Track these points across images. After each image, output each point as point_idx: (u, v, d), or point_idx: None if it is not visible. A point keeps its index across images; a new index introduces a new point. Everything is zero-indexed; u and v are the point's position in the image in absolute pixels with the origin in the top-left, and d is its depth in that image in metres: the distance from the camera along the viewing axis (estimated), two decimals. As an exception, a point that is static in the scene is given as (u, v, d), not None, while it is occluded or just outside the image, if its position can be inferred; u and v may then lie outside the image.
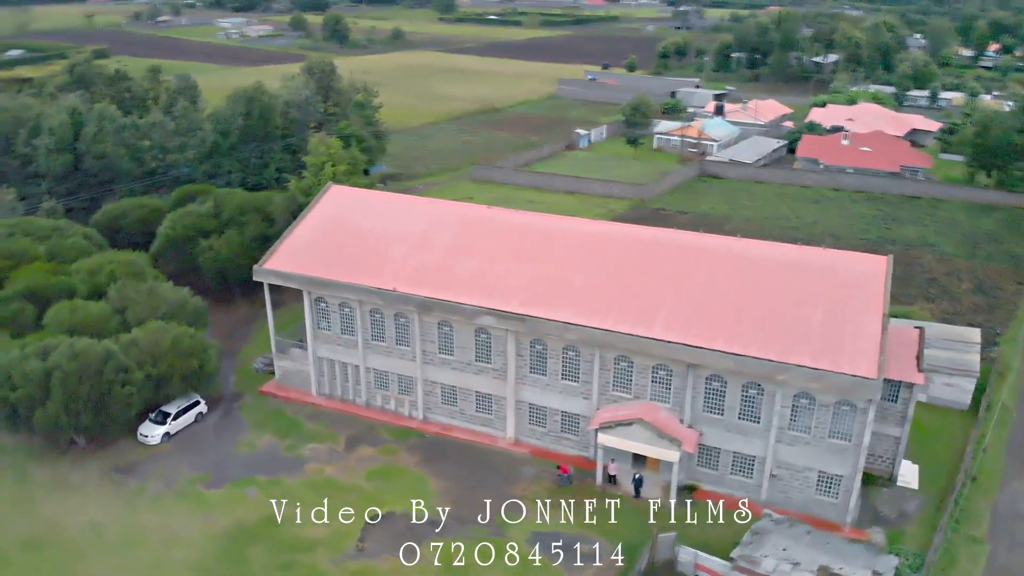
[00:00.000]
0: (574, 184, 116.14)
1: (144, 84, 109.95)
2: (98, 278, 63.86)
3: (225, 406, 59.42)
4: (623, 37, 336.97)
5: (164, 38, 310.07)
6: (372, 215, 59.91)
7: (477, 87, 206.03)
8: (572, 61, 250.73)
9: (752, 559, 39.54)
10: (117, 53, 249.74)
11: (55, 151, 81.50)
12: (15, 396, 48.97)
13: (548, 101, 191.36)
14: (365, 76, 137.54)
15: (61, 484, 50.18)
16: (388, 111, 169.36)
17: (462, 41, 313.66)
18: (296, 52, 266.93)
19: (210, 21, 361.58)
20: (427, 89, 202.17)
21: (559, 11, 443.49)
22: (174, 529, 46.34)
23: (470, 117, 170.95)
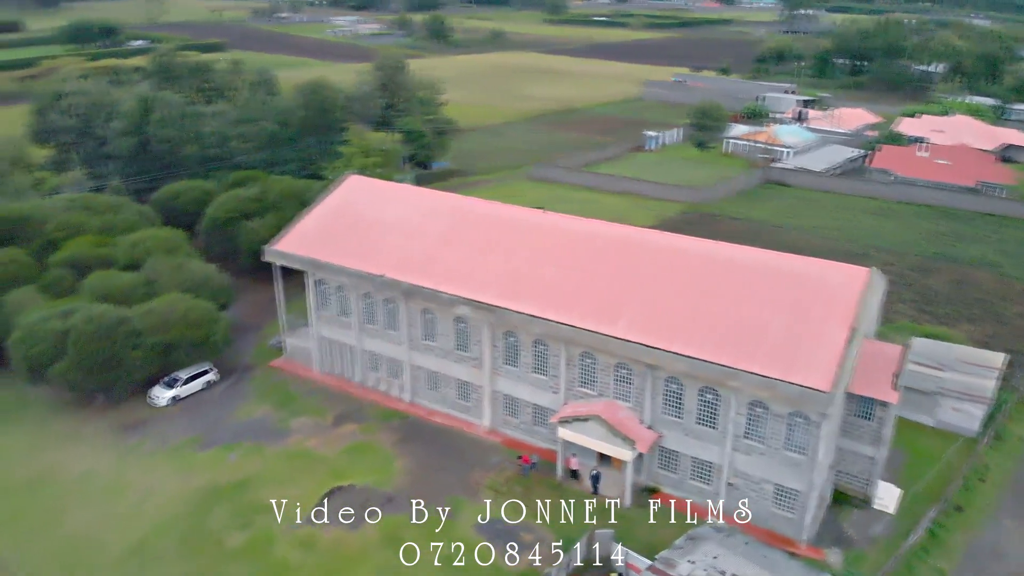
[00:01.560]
0: (629, 185, 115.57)
1: (225, 75, 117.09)
2: (137, 251, 69.10)
3: (236, 376, 63.21)
4: (730, 41, 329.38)
5: (280, 34, 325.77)
6: (379, 204, 62.32)
7: (562, 88, 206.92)
8: (670, 64, 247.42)
9: (669, 562, 39.29)
10: (233, 47, 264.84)
11: (124, 134, 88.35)
12: (34, 351, 54.08)
13: (631, 103, 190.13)
14: (442, 74, 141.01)
15: (72, 435, 55.00)
16: (468, 109, 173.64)
17: (562, 42, 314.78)
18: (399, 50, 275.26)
19: (325, 19, 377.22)
20: (512, 88, 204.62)
21: (667, 13, 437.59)
22: (156, 484, 50.08)
23: (547, 117, 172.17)
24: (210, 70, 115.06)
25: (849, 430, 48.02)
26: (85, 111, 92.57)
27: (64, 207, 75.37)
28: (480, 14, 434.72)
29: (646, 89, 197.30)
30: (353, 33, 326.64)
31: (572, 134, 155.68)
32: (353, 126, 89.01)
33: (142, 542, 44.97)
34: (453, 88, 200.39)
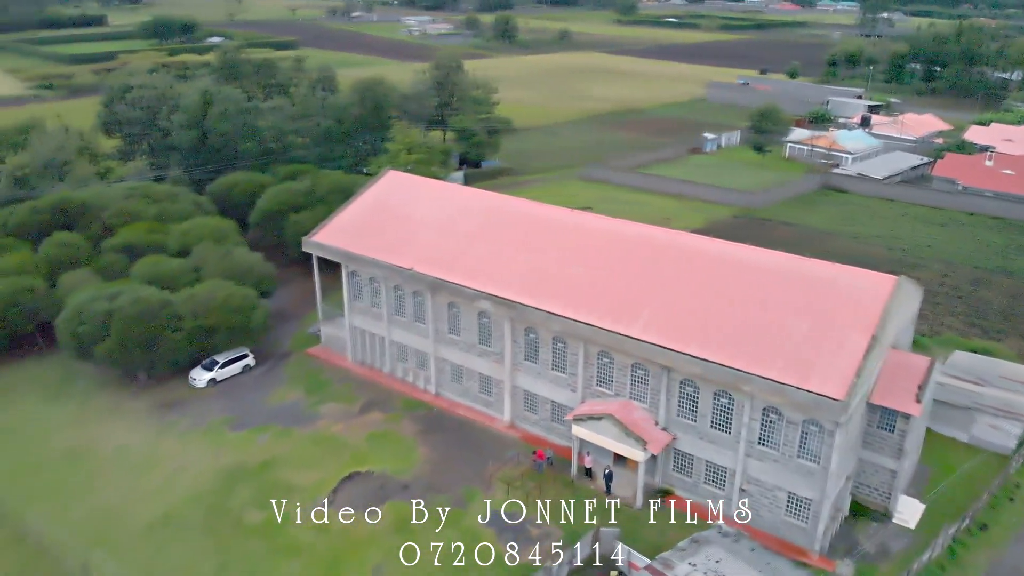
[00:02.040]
0: (681, 188, 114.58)
1: (287, 73, 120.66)
2: (187, 239, 72.14)
3: (273, 362, 65.38)
4: (803, 43, 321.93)
5: (353, 33, 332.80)
6: (414, 200, 63.58)
7: (625, 88, 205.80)
8: (739, 66, 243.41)
9: (667, 562, 39.23)
10: (305, 45, 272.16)
11: (186, 127, 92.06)
12: (81, 330, 57.09)
13: (694, 105, 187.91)
14: (505, 74, 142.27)
15: (114, 411, 57.87)
16: (527, 108, 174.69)
17: (630, 43, 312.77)
18: (465, 49, 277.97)
19: (398, 18, 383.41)
20: (573, 89, 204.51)
21: (741, 15, 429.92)
22: (187, 461, 52.34)
23: (606, 117, 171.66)
24: (274, 67, 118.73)
25: (870, 441, 46.96)
26: (150, 104, 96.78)
27: (123, 195, 79.12)
28: (550, 14, 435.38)
29: (710, 91, 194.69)
30: (423, 33, 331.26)
31: (630, 135, 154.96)
32: (398, 123, 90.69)
33: (167, 515, 47.11)
34: (514, 88, 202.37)
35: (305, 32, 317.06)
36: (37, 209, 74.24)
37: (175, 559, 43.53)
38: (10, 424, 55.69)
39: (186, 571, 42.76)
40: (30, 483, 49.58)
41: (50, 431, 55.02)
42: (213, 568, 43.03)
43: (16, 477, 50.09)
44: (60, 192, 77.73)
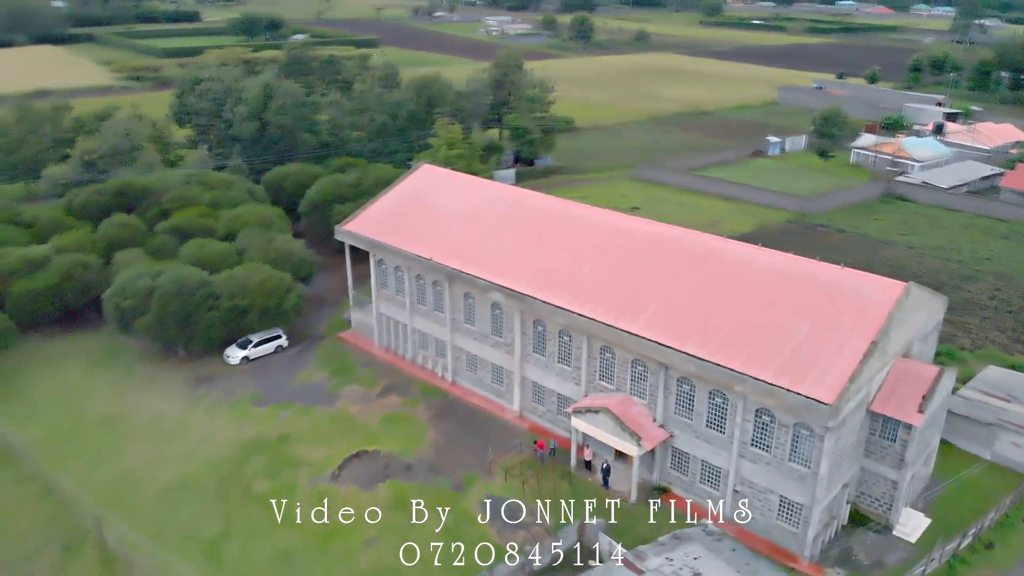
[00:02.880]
0: (735, 191, 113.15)
1: (353, 69, 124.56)
2: (235, 224, 75.89)
3: (306, 344, 68.19)
4: (891, 48, 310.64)
5: (434, 32, 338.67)
6: (444, 193, 65.30)
7: (696, 90, 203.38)
8: (822, 70, 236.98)
9: (641, 555, 39.64)
10: (386, 43, 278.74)
11: (247, 118, 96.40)
12: (124, 304, 61.00)
13: (765, 108, 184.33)
14: (576, 74, 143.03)
15: (151, 382, 61.59)
16: (593, 108, 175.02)
17: (710, 45, 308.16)
18: (541, 49, 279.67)
19: (478, 18, 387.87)
20: (643, 89, 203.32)
21: (830, 18, 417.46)
22: (211, 431, 55.40)
23: (673, 118, 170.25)
24: (339, 64, 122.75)
25: (872, 450, 46.14)
26: (217, 96, 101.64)
27: (182, 181, 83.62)
28: (633, 15, 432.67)
29: (783, 94, 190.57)
30: (502, 33, 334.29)
31: (693, 136, 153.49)
32: (441, 119, 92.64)
33: (185, 480, 50.11)
34: (584, 87, 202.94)
35: (387, 31, 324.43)
36: (101, 191, 79.31)
37: (183, 521, 46.37)
38: (56, 390, 59.98)
39: (191, 533, 45.50)
40: (66, 445, 53.43)
41: (91, 398, 59.04)
42: (217, 531, 45.65)
43: (54, 438, 54.05)
44: (124, 176, 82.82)
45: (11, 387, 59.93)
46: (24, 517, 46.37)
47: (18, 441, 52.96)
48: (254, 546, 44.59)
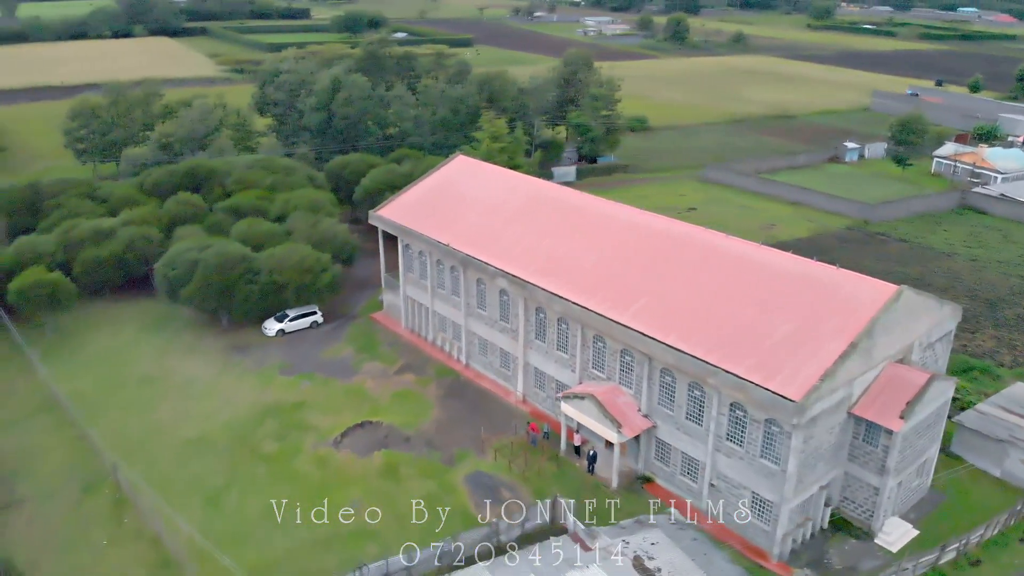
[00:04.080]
0: (800, 195, 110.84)
1: (427, 65, 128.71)
2: (287, 207, 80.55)
3: (340, 322, 71.91)
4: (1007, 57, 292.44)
5: (531, 32, 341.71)
6: (473, 183, 67.58)
7: (785, 93, 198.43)
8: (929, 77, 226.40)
9: (592, 533, 40.74)
10: (481, 42, 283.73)
11: (315, 109, 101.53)
12: (172, 274, 66.16)
13: (855, 113, 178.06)
14: (666, 74, 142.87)
15: (193, 348, 66.55)
16: (673, 108, 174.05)
17: (812, 48, 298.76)
18: (633, 50, 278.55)
19: (577, 19, 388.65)
20: (730, 91, 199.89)
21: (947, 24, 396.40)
22: (237, 395, 59.59)
23: (755, 121, 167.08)
24: (413, 60, 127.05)
25: (856, 455, 45.56)
26: (292, 87, 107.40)
27: (247, 165, 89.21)
28: (738, 17, 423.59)
29: (876, 100, 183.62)
30: (599, 33, 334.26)
31: (772, 139, 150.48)
32: (487, 113, 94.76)
33: (202, 436, 54.29)
34: (670, 88, 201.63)
35: (486, 30, 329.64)
36: (172, 172, 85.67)
37: (192, 473, 50.40)
38: (107, 350, 65.69)
39: (197, 483, 49.45)
40: (106, 398, 58.66)
41: (136, 359, 64.38)
42: (220, 483, 49.45)
43: (96, 392, 59.39)
44: (195, 159, 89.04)
45: (68, 345, 66.08)
46: (55, 459, 51.51)
47: (65, 392, 58.53)
48: (249, 500, 48.09)
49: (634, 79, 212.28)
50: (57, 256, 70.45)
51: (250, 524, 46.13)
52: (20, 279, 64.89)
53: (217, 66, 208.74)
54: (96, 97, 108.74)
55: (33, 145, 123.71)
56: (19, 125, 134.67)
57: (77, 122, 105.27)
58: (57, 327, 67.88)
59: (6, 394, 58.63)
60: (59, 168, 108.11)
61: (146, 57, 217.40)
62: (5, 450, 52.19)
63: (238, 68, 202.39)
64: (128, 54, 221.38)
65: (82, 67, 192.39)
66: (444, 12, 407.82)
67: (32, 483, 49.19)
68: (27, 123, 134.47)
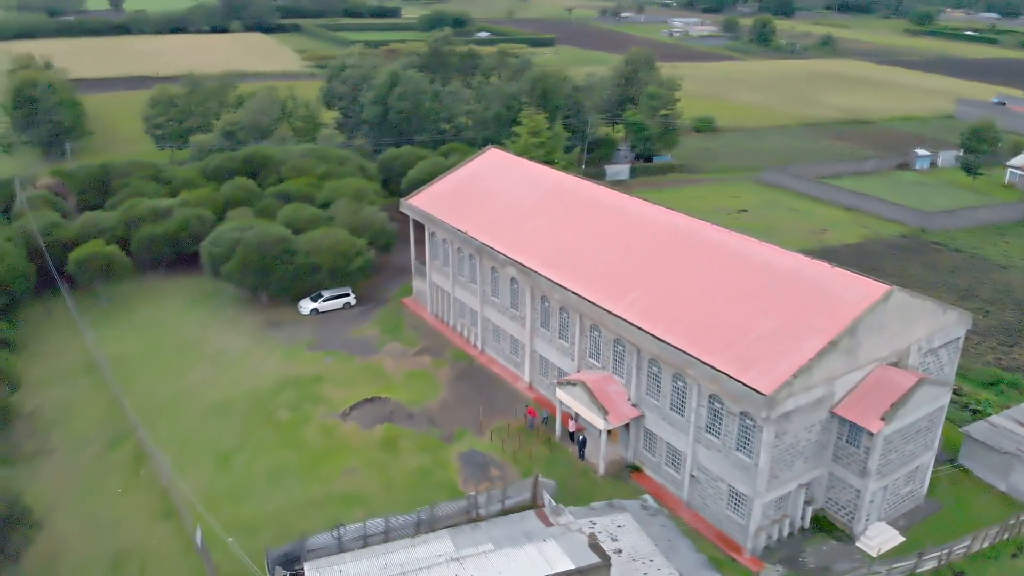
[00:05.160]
0: (858, 201, 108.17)
1: (491, 63, 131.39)
2: (333, 194, 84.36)
3: (372, 305, 75.03)
4: None
5: (615, 33, 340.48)
6: (499, 175, 69.49)
7: (865, 98, 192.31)
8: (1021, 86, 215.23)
9: (557, 510, 41.97)
10: (563, 42, 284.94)
11: (373, 103, 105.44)
12: (215, 252, 70.59)
13: (936, 121, 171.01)
14: (744, 76, 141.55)
15: (232, 321, 70.83)
16: (744, 110, 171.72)
17: (905, 54, 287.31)
18: (717, 51, 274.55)
19: (665, 20, 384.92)
20: (807, 95, 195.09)
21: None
22: (263, 366, 63.29)
23: (828, 125, 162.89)
24: (476, 57, 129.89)
25: (840, 456, 45.31)
26: (355, 82, 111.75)
27: (301, 154, 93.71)
28: (833, 20, 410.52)
29: (960, 108, 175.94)
30: (685, 34, 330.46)
31: (842, 144, 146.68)
32: (527, 109, 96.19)
33: (224, 402, 58.08)
34: (746, 90, 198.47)
35: (571, 31, 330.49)
36: (232, 158, 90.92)
37: (207, 433, 54.14)
38: (155, 319, 70.69)
39: (211, 443, 53.12)
40: (144, 363, 63.33)
41: (177, 329, 69.06)
42: (231, 445, 52.99)
43: (136, 357, 64.15)
44: (255, 147, 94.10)
45: (119, 314, 71.43)
46: (88, 415, 56.21)
47: (109, 356, 63.46)
48: (256, 462, 51.42)
49: (711, 80, 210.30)
50: (118, 232, 76.10)
51: (252, 483, 49.40)
52: (80, 251, 70.57)
53: (302, 62, 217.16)
54: (174, 87, 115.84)
55: (120, 131, 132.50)
56: (110, 112, 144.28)
57: (156, 110, 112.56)
58: (111, 297, 73.43)
59: (55, 355, 64.13)
60: (140, 152, 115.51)
61: (237, 52, 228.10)
62: (46, 404, 57.33)
63: (321, 64, 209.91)
64: (221, 48, 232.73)
65: (177, 59, 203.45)
66: (533, 12, 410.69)
67: (64, 435, 53.96)
68: (118, 110, 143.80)
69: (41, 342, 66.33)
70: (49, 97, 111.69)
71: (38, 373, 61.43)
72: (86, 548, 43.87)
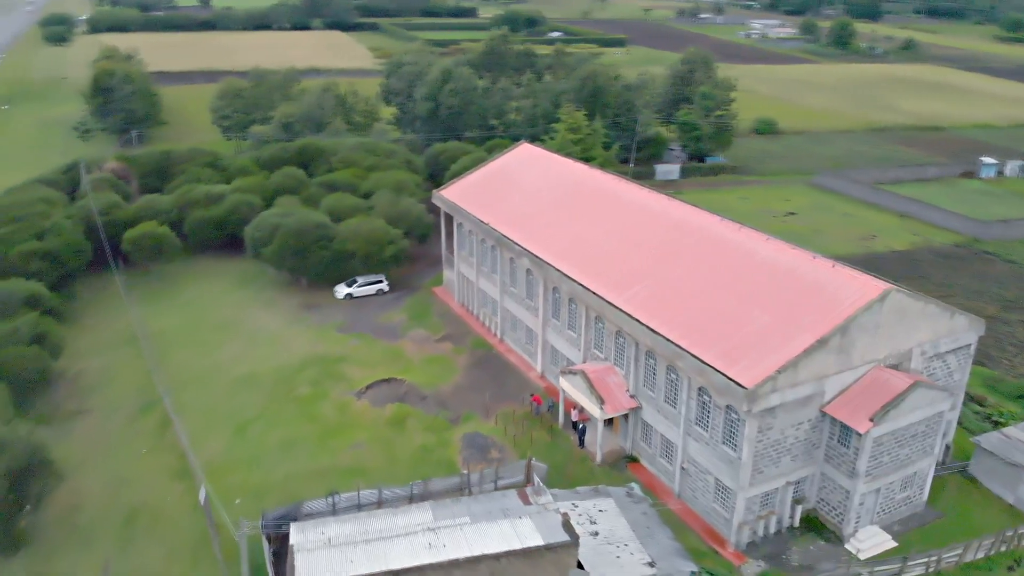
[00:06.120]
0: (912, 207, 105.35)
1: (547, 61, 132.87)
2: (375, 185, 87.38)
3: (404, 293, 77.54)
4: None
5: (691, 34, 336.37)
6: (528, 169, 70.95)
7: (941, 104, 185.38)
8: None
9: (539, 490, 43.13)
10: (635, 43, 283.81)
11: (424, 99, 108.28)
12: (257, 236, 74.29)
13: (1015, 130, 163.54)
14: (818, 80, 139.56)
15: (270, 302, 74.41)
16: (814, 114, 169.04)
17: (993, 60, 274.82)
18: (794, 54, 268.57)
19: (744, 21, 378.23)
20: (879, 99, 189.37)
21: None
22: (293, 345, 66.41)
23: (896, 131, 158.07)
24: (533, 56, 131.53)
25: (831, 456, 45.19)
26: (411, 79, 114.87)
27: (351, 147, 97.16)
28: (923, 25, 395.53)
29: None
30: (762, 36, 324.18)
31: (908, 150, 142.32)
32: (567, 105, 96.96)
33: (251, 376, 61.34)
34: (818, 93, 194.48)
35: (647, 31, 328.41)
36: (286, 148, 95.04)
37: (231, 404, 57.43)
38: (199, 297, 74.90)
39: (233, 413, 56.35)
40: (183, 338, 67.34)
41: (218, 307, 73.00)
42: (251, 416, 56.11)
43: (177, 332, 68.22)
44: (308, 138, 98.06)
45: (166, 291, 75.92)
46: (125, 382, 60.32)
47: (152, 330, 67.71)
48: (272, 432, 54.35)
49: (780, 83, 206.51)
50: (172, 214, 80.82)
51: (265, 451, 52.32)
52: (134, 230, 75.39)
53: (374, 59, 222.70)
54: (241, 81, 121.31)
55: (192, 121, 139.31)
56: (186, 103, 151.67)
57: (223, 102, 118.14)
58: (161, 275, 78.04)
59: (103, 326, 68.81)
60: (208, 142, 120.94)
61: (314, 48, 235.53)
62: (89, 370, 61.75)
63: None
64: (299, 45, 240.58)
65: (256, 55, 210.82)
66: (610, 12, 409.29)
67: (101, 398, 58.12)
68: (193, 102, 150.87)
69: (92, 314, 71.25)
70: (124, 87, 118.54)
71: (86, 342, 66.16)
72: (105, 502, 47.50)
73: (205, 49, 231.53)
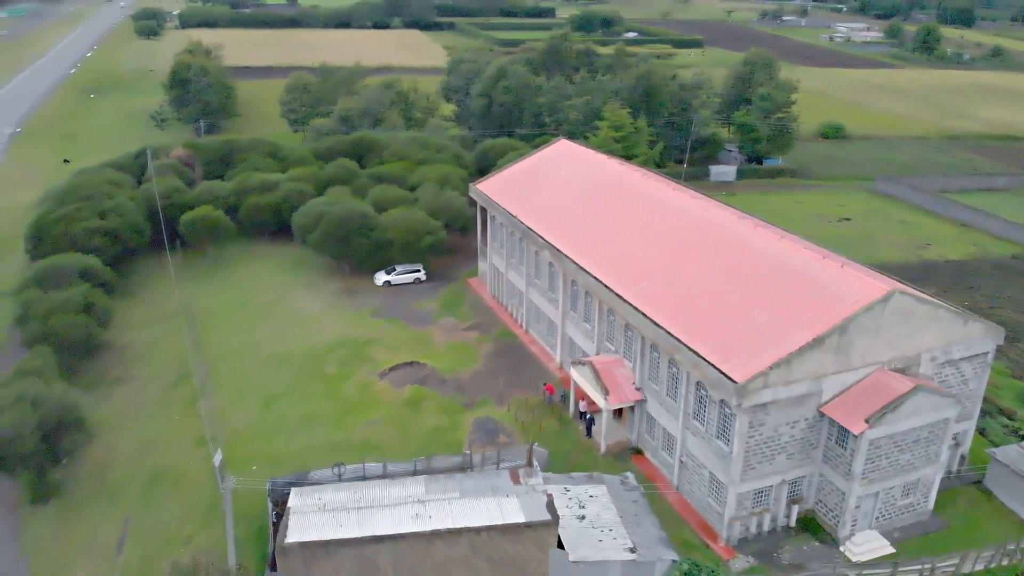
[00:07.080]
0: (972, 217, 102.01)
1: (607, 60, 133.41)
2: (422, 178, 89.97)
3: (441, 282, 79.77)
4: None
5: (771, 36, 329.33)
6: (562, 165, 72.14)
7: (1019, 113, 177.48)
8: None
9: (529, 473, 44.34)
10: (716, 45, 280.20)
11: (479, 95, 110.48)
12: (303, 223, 77.72)
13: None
14: (899, 85, 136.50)
15: (313, 286, 77.72)
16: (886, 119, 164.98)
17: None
18: (878, 58, 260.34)
19: (828, 24, 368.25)
20: (957, 107, 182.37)
21: None
22: (329, 327, 69.38)
23: (971, 139, 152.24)
24: (594, 55, 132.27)
25: (829, 456, 45.04)
26: (468, 76, 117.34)
27: (404, 141, 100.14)
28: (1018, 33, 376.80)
29: None
30: (847, 40, 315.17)
31: (981, 159, 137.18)
32: (611, 103, 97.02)
33: (283, 355, 64.49)
34: (895, 99, 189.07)
35: (727, 33, 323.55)
36: (342, 140, 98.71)
37: (261, 379, 60.63)
38: (245, 279, 78.81)
39: (262, 388, 59.52)
40: (226, 316, 71.16)
41: (264, 289, 76.66)
42: (278, 390, 59.17)
43: (222, 311, 72.10)
44: (364, 132, 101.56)
45: (218, 272, 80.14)
46: (168, 354, 64.27)
47: (200, 308, 71.82)
48: (295, 407, 57.27)
49: (856, 87, 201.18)
50: (229, 200, 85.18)
51: (287, 424, 55.24)
52: (191, 213, 79.92)
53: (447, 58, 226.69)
54: (308, 76, 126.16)
55: (264, 113, 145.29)
56: (262, 96, 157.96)
57: (291, 95, 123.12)
58: (215, 257, 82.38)
59: (155, 303, 73.26)
60: (277, 134, 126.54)
61: (390, 47, 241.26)
62: (137, 341, 66.07)
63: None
64: (376, 43, 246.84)
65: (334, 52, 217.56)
66: (692, 13, 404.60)
67: (144, 368, 62.20)
68: (268, 96, 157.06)
69: (147, 290, 75.94)
70: (200, 79, 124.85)
71: (138, 315, 70.71)
72: (134, 462, 51.16)
73: (287, 46, 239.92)
